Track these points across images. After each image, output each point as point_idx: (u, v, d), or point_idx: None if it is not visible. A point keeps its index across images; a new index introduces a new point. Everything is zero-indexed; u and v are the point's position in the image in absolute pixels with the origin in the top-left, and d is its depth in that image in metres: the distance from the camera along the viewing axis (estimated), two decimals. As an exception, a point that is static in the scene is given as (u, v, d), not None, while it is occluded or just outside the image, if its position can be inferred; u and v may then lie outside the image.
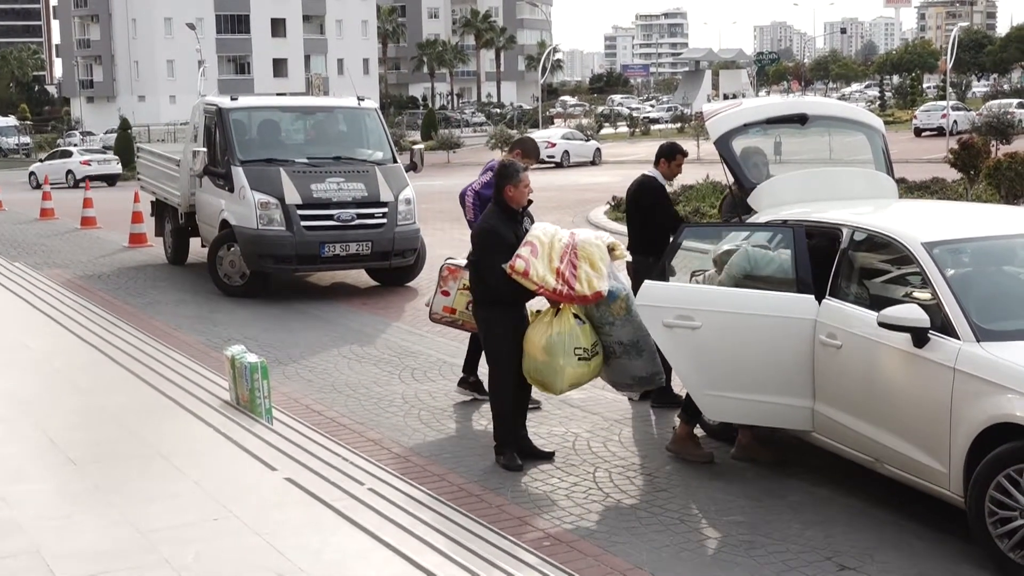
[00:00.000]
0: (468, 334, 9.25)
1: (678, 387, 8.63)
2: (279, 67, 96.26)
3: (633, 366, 7.71)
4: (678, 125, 67.51)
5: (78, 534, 5.67)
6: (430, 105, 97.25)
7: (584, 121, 67.79)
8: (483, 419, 8.65)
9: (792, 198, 8.12)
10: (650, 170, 9.37)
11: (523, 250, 7.24)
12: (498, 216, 7.50)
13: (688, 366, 7.33)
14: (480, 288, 7.57)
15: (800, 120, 8.60)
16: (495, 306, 7.49)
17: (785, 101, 9.89)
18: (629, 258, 8.53)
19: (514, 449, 7.58)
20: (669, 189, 9.56)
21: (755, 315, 7.12)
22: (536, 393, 8.99)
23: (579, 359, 7.35)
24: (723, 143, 8.29)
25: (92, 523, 5.84)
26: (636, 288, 7.69)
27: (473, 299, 7.76)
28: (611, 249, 7.64)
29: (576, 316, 7.41)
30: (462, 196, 9.61)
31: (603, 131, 66.72)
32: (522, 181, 7.47)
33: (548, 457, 7.75)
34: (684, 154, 9.45)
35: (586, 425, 8.55)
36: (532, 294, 7.38)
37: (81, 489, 6.41)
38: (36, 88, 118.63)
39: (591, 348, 7.42)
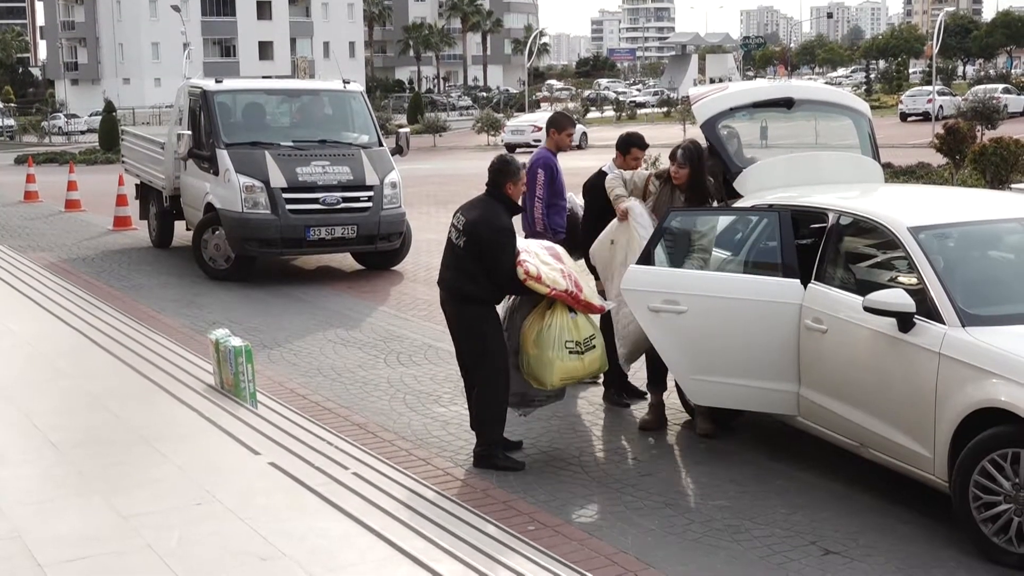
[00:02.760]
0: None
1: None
2: (265, 50, 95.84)
3: None
4: (664, 109, 67.41)
5: (60, 519, 5.64)
6: (416, 88, 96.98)
7: (571, 105, 67.74)
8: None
9: (778, 182, 8.13)
10: (607, 164, 8.75)
11: (524, 256, 7.13)
12: (506, 214, 7.26)
13: (674, 351, 7.33)
14: (481, 286, 7.15)
15: (786, 104, 8.61)
16: (486, 304, 7.25)
17: (771, 85, 9.88)
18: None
19: (501, 447, 7.37)
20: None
21: (741, 299, 7.12)
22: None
23: (570, 352, 7.17)
24: (709, 127, 8.29)
25: (75, 508, 5.81)
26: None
27: (459, 296, 7.27)
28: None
29: (570, 309, 7.23)
30: (529, 209, 8.83)
31: (589, 115, 66.63)
32: (521, 178, 7.43)
33: (517, 446, 7.60)
34: (640, 147, 8.65)
35: (572, 409, 8.53)
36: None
37: (64, 474, 6.38)
38: (20, 70, 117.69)
39: (583, 342, 7.22)
